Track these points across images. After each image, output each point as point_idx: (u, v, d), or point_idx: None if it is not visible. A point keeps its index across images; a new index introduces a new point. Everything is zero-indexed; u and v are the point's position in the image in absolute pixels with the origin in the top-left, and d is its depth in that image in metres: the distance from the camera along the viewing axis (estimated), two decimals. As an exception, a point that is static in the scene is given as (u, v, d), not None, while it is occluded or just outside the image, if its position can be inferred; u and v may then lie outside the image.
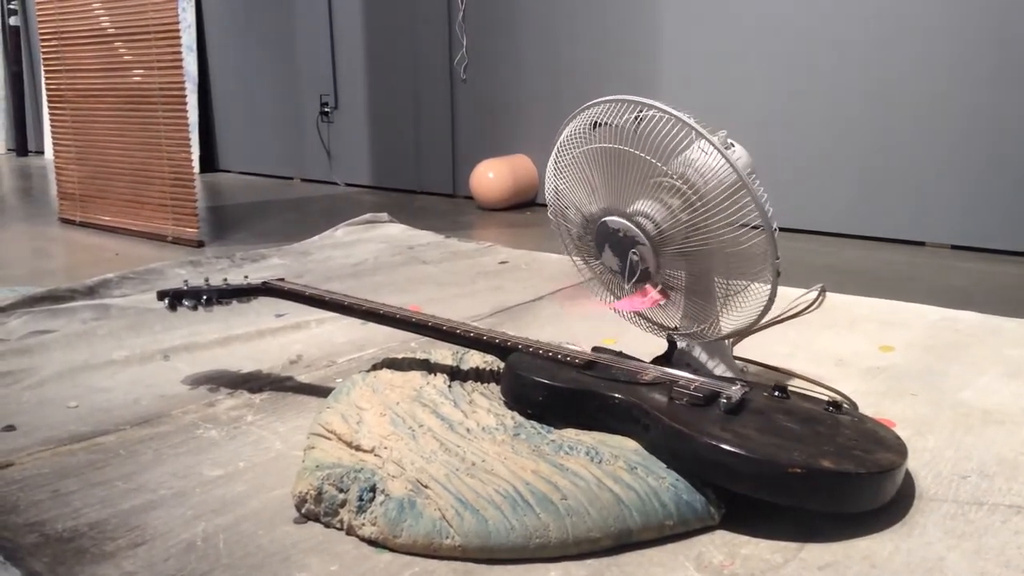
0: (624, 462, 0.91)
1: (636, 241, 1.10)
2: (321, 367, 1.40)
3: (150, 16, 2.51)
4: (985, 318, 1.61)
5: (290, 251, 2.35)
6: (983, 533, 0.86)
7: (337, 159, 3.98)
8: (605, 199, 1.13)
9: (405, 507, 0.84)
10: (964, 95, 2.29)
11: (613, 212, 1.12)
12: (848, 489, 0.85)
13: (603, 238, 1.14)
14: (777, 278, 1.05)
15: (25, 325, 1.62)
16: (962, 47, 2.27)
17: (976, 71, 2.26)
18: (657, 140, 1.04)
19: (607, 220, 1.12)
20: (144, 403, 1.25)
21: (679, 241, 1.07)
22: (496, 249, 2.36)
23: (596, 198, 1.14)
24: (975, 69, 2.26)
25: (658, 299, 1.13)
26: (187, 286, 1.30)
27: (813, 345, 1.48)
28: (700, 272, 1.11)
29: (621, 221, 1.10)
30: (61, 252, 2.48)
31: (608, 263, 1.16)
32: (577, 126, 1.13)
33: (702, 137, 1.03)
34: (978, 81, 2.26)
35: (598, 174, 1.12)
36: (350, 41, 3.78)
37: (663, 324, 1.21)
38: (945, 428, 1.12)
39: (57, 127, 2.94)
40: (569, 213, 1.19)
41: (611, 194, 1.12)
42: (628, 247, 1.11)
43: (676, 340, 1.18)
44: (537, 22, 3.15)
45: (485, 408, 1.05)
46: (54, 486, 0.99)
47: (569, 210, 1.19)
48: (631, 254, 1.11)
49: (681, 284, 1.13)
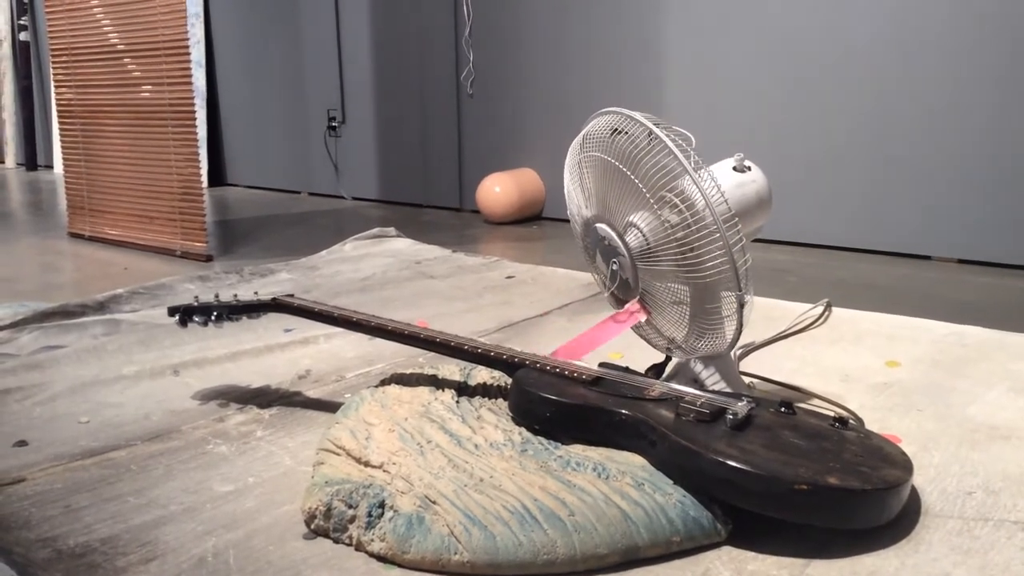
0: (631, 478, 0.91)
1: (617, 251, 1.12)
2: (330, 382, 1.41)
3: (160, 32, 2.54)
4: (992, 333, 1.62)
5: (298, 265, 2.36)
6: (988, 549, 0.86)
7: (344, 173, 4.00)
8: (595, 206, 1.14)
9: (414, 523, 0.85)
10: (971, 109, 2.30)
11: (602, 219, 1.13)
12: (854, 505, 0.85)
13: (595, 243, 1.16)
14: (741, 310, 1.05)
15: (36, 340, 1.63)
16: (969, 61, 2.28)
17: (983, 85, 2.27)
18: (650, 167, 1.05)
19: (597, 226, 1.14)
20: (155, 418, 1.26)
21: (657, 259, 1.08)
22: (503, 264, 2.37)
23: (589, 203, 1.15)
24: (981, 83, 2.27)
25: (637, 313, 1.13)
26: (197, 302, 1.31)
27: (819, 360, 1.48)
28: (682, 291, 1.12)
29: (606, 229, 1.12)
30: (70, 266, 2.50)
31: (599, 268, 1.18)
32: (591, 130, 1.14)
33: (696, 169, 1.03)
34: (985, 95, 2.27)
35: (592, 181, 1.14)
36: (357, 56, 3.81)
37: (660, 337, 1.21)
38: (951, 444, 1.12)
39: (67, 141, 2.96)
40: (572, 213, 1.22)
41: (600, 203, 1.13)
42: (611, 256, 1.13)
43: (671, 355, 1.19)
44: (543, 37, 3.17)
45: (493, 424, 1.06)
46: (66, 501, 1.00)
47: (572, 210, 1.21)
48: (612, 263, 1.13)
49: (657, 301, 1.14)
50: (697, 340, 1.12)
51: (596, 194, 1.13)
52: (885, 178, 2.46)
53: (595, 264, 1.20)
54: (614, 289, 1.16)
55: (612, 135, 1.09)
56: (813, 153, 2.58)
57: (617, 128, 1.09)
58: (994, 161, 2.28)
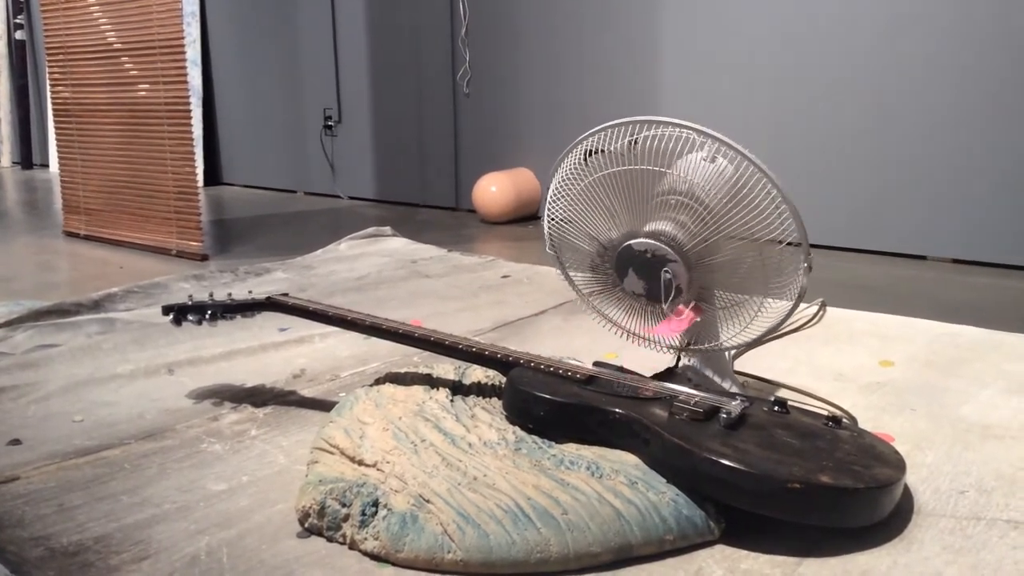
0: (624, 477, 0.91)
1: (667, 259, 1.11)
2: (324, 381, 1.41)
3: (155, 31, 2.53)
4: (986, 333, 1.62)
5: (294, 265, 2.36)
6: (981, 548, 0.86)
7: (340, 172, 4.00)
8: (626, 223, 1.13)
9: (407, 521, 0.85)
10: (968, 110, 2.30)
11: (637, 234, 1.12)
12: (846, 504, 0.86)
13: (626, 262, 1.14)
14: (808, 274, 1.08)
15: (30, 339, 1.63)
16: (965, 62, 2.29)
17: (979, 86, 2.27)
18: (660, 153, 1.06)
19: (632, 243, 1.12)
20: (149, 417, 1.26)
21: (709, 253, 1.08)
22: (498, 263, 2.37)
23: (616, 223, 1.14)
24: (978, 84, 2.28)
25: (693, 317, 1.13)
26: (192, 301, 1.31)
27: (813, 360, 1.49)
28: (730, 284, 1.12)
29: (648, 242, 1.11)
30: (65, 265, 2.49)
31: (631, 287, 1.15)
32: (599, 150, 1.14)
33: (719, 143, 1.04)
34: (981, 96, 2.28)
35: (616, 199, 1.13)
36: (353, 55, 3.81)
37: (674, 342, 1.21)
38: (944, 443, 1.12)
39: (62, 140, 2.96)
40: (579, 243, 1.19)
41: (633, 217, 1.12)
42: (658, 267, 1.12)
43: (682, 356, 1.18)
44: (539, 36, 3.17)
45: (487, 423, 1.06)
46: (59, 500, 0.99)
47: (579, 240, 1.19)
48: (663, 273, 1.11)
49: (714, 298, 1.14)
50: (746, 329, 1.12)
51: (625, 210, 1.13)
52: (880, 179, 2.47)
53: (620, 287, 1.17)
54: (667, 300, 1.15)
55: (630, 146, 1.09)
56: (809, 154, 2.58)
57: (593, 149, 1.10)
58: (990, 161, 2.28)
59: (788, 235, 1.06)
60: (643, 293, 1.14)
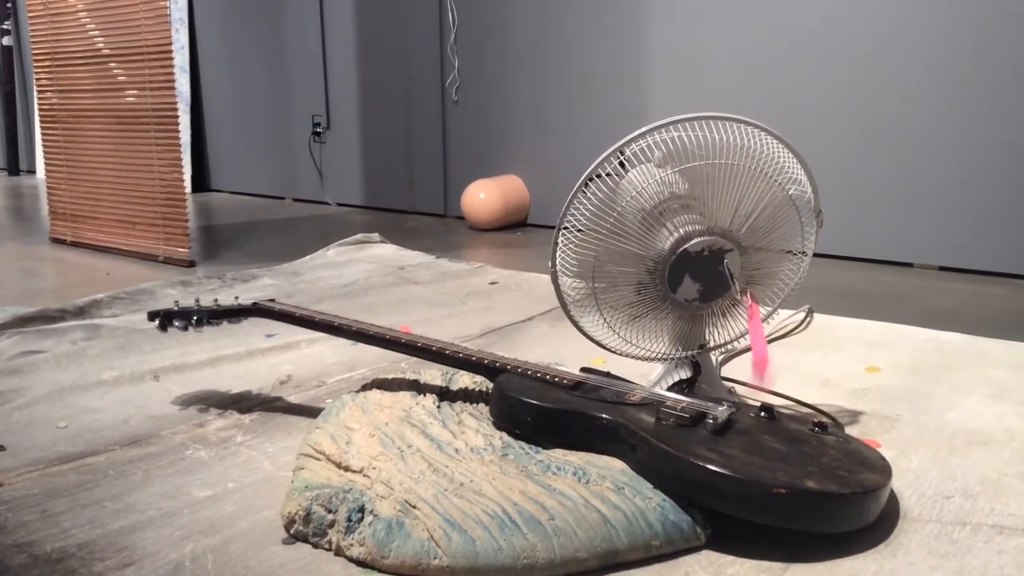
0: (611, 482, 0.91)
1: (724, 250, 1.11)
2: (311, 387, 1.41)
3: (143, 37, 2.53)
4: (970, 339, 1.63)
5: (281, 271, 2.36)
6: (966, 553, 0.86)
7: (329, 179, 3.99)
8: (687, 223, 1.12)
9: (393, 527, 0.85)
10: (954, 118, 2.32)
11: (696, 234, 1.11)
12: (832, 509, 0.86)
13: (683, 268, 1.12)
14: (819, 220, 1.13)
15: (15, 345, 1.62)
16: (952, 72, 2.30)
17: (965, 94, 2.29)
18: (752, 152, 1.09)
19: (687, 247, 1.11)
20: (133, 423, 1.25)
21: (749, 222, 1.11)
22: (486, 269, 2.37)
23: (673, 228, 1.12)
24: (964, 92, 2.29)
25: (757, 306, 1.13)
26: (178, 307, 1.31)
27: (800, 366, 1.49)
28: (771, 240, 1.14)
29: (704, 239, 1.10)
30: (52, 271, 2.48)
31: (685, 294, 1.13)
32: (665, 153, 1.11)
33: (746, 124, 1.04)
34: (968, 104, 2.29)
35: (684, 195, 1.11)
36: (342, 62, 3.81)
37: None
38: (929, 449, 1.13)
39: (49, 146, 2.95)
40: (623, 268, 1.14)
41: (709, 214, 1.12)
42: (715, 263, 1.12)
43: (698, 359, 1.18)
44: (528, 44, 3.18)
45: (474, 428, 1.06)
46: (43, 506, 0.99)
47: (624, 264, 1.14)
48: (724, 263, 1.11)
49: (757, 275, 1.16)
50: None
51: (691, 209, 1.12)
52: (867, 186, 2.48)
53: (670, 299, 1.14)
54: (735, 290, 1.14)
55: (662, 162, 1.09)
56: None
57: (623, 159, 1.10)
58: (977, 170, 2.30)
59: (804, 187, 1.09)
60: (696, 297, 1.13)
